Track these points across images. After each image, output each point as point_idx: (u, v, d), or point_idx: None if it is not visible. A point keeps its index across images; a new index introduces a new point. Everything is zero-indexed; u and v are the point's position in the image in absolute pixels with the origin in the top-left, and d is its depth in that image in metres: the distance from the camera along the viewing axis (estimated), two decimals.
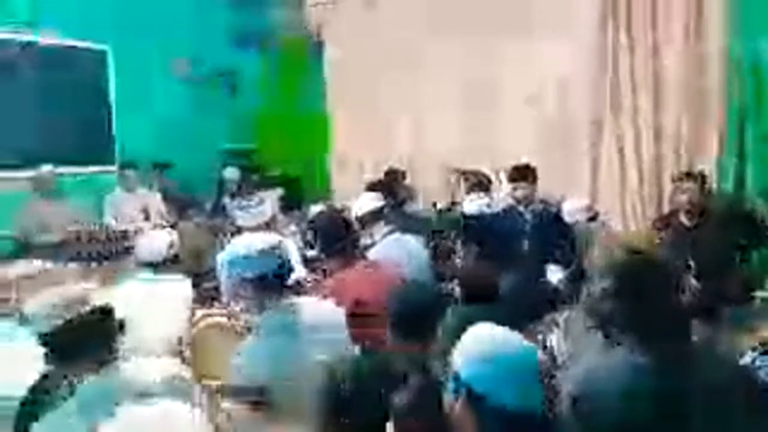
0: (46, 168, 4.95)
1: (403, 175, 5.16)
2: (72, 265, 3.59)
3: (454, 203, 4.39)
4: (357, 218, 3.30)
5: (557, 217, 3.72)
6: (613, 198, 4.66)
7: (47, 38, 5.41)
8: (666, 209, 4.33)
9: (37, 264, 2.78)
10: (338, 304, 2.19)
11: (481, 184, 4.25)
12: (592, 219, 3.75)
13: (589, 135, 4.77)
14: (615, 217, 4.56)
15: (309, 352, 1.93)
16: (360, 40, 5.86)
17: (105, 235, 4.26)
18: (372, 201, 3.40)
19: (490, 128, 5.20)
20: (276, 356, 1.89)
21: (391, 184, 4.64)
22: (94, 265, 3.97)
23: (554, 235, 3.56)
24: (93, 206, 5.28)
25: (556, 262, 3.30)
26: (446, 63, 5.38)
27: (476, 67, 5.23)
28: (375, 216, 3.31)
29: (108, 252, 4.22)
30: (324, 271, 3.02)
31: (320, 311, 2.11)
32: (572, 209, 3.67)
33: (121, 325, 1.79)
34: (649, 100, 4.52)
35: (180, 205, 5.50)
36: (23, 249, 4.29)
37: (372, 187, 4.47)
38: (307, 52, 6.48)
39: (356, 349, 2.16)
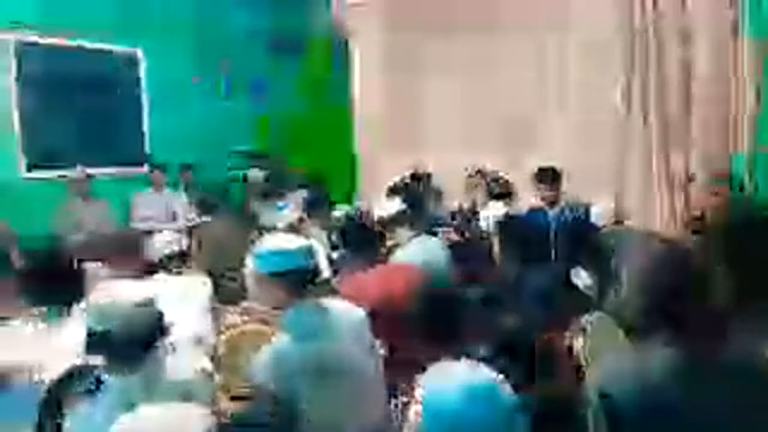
0: (80, 169, 5.09)
1: (429, 177, 5.15)
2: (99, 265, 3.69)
3: (475, 210, 4.37)
4: (380, 221, 3.31)
5: (584, 220, 3.68)
6: (640, 200, 4.57)
7: (81, 42, 5.55)
8: (696, 211, 4.24)
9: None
10: (361, 304, 2.19)
11: (504, 189, 4.23)
12: (620, 222, 3.70)
13: (615, 136, 4.69)
14: (643, 219, 4.47)
15: (332, 353, 1.94)
16: (387, 42, 5.87)
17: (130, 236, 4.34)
18: (394, 204, 3.41)
19: (518, 131, 5.15)
20: (299, 356, 1.90)
21: (415, 187, 4.64)
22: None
23: (581, 238, 3.51)
24: (123, 206, 5.40)
25: (583, 266, 3.25)
26: (473, 63, 5.35)
27: (503, 68, 5.19)
28: (398, 219, 3.32)
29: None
30: (348, 272, 3.03)
31: (343, 311, 2.12)
32: (599, 212, 3.63)
33: (163, 326, 1.82)
34: (678, 99, 4.42)
35: (206, 205, 5.57)
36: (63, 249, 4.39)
37: (395, 190, 4.49)
38: (335, 54, 6.52)
39: (380, 348, 2.16)
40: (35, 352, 2.05)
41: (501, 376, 1.23)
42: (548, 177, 3.97)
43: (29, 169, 5.27)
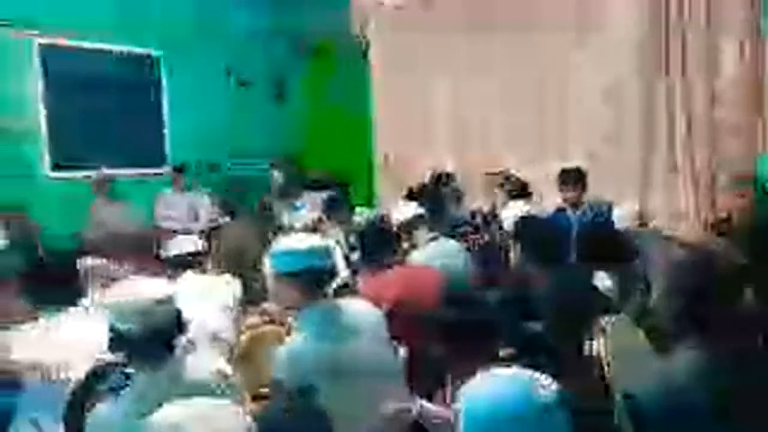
0: (102, 169, 5.17)
1: (450, 177, 5.13)
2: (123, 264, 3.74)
3: (495, 212, 4.34)
4: (398, 225, 3.32)
5: (607, 222, 3.63)
6: (665, 202, 4.49)
7: (103, 45, 5.64)
8: (722, 213, 4.15)
9: (95, 261, 2.89)
10: (378, 304, 2.19)
11: (523, 190, 4.20)
12: (644, 225, 3.65)
13: (640, 138, 4.62)
14: (667, 222, 4.39)
15: (348, 351, 1.94)
16: (405, 43, 5.87)
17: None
18: (411, 208, 3.42)
19: (538, 131, 5.10)
20: (315, 355, 1.90)
21: (434, 189, 4.62)
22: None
23: (602, 240, 3.47)
24: (146, 207, 5.47)
25: (605, 268, 3.22)
26: (493, 64, 5.31)
27: (524, 68, 5.14)
28: (415, 222, 3.33)
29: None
30: (366, 274, 3.03)
31: (360, 311, 2.11)
32: (623, 214, 3.58)
33: (181, 323, 1.83)
34: (705, 100, 4.33)
35: (227, 206, 5.62)
36: (83, 247, 4.47)
37: (413, 194, 4.48)
38: (353, 55, 6.53)
39: (397, 349, 2.16)
40: (45, 350, 2.08)
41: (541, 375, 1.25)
42: (571, 178, 3.94)
43: (54, 168, 5.37)
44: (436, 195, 4.34)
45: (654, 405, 1.37)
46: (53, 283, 2.28)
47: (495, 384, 1.24)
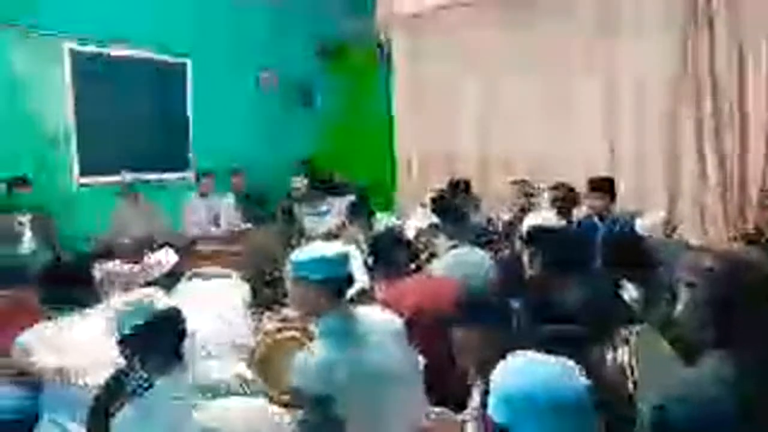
0: (128, 174, 5.25)
1: (467, 185, 5.11)
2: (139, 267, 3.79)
3: (511, 221, 4.30)
4: (414, 235, 3.32)
5: (632, 231, 3.58)
6: (692, 212, 4.39)
7: (131, 51, 5.74)
8: (750, 223, 4.05)
9: (113, 264, 2.93)
10: (397, 312, 2.19)
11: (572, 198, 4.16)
12: (670, 234, 3.59)
13: (666, 144, 4.52)
14: (694, 232, 4.30)
15: (368, 360, 1.93)
16: (428, 48, 5.87)
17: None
18: (426, 218, 3.42)
19: (563, 136, 5.04)
20: (336, 363, 1.89)
21: (451, 197, 4.59)
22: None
23: (628, 249, 3.42)
24: (170, 212, 5.54)
25: (630, 278, 3.17)
26: (519, 67, 5.27)
27: (548, 72, 5.09)
28: (429, 231, 3.32)
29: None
30: (381, 282, 3.03)
31: (380, 319, 2.11)
32: (648, 224, 3.53)
33: (183, 330, 1.87)
34: (733, 107, 4.23)
35: (251, 211, 5.66)
36: (107, 250, 4.53)
37: (433, 201, 4.46)
38: (377, 61, 6.56)
39: (417, 357, 2.14)
40: (63, 353, 2.12)
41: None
42: (599, 187, 3.90)
43: (82, 174, 5.47)
44: (452, 203, 4.32)
45: (681, 415, 1.35)
46: (67, 285, 2.32)
47: (532, 365, 1.25)
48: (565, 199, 4.10)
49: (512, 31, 5.24)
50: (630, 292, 3.02)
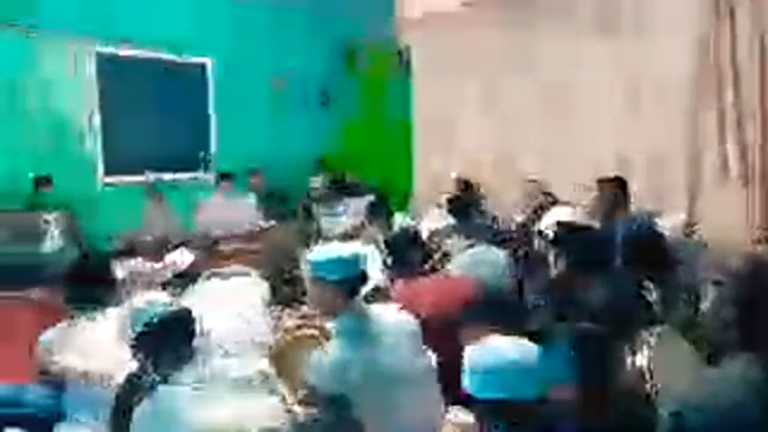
0: (151, 174, 5.33)
1: (471, 185, 5.10)
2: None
3: (525, 222, 4.27)
4: (428, 235, 3.32)
5: (651, 232, 3.53)
6: (713, 211, 4.30)
7: (154, 53, 5.83)
8: None
9: (135, 263, 2.97)
10: (412, 311, 2.19)
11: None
12: (690, 234, 3.54)
13: (687, 143, 4.45)
14: (715, 232, 4.21)
15: (384, 359, 1.94)
16: (447, 51, 5.86)
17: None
18: (441, 218, 3.42)
19: (579, 136, 4.99)
20: (351, 363, 1.90)
21: (465, 198, 4.58)
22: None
23: (648, 249, 3.37)
24: (191, 211, 5.60)
25: (650, 279, 3.13)
26: (535, 68, 5.24)
27: (566, 71, 5.05)
28: (445, 231, 3.32)
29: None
30: (396, 280, 3.03)
31: (396, 319, 2.12)
32: (669, 224, 3.48)
33: (193, 329, 1.90)
34: (755, 96, 4.14)
35: (274, 209, 5.70)
36: (130, 249, 4.61)
37: (447, 202, 4.45)
38: (395, 64, 6.57)
39: (431, 357, 2.14)
40: (85, 352, 2.16)
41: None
42: (613, 187, 3.84)
43: (107, 173, 5.57)
44: (468, 203, 4.31)
45: (698, 423, 1.33)
46: (90, 284, 2.36)
47: (493, 341, 1.41)
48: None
49: (516, 32, 5.22)
50: (652, 292, 2.99)
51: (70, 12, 5.14)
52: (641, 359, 2.00)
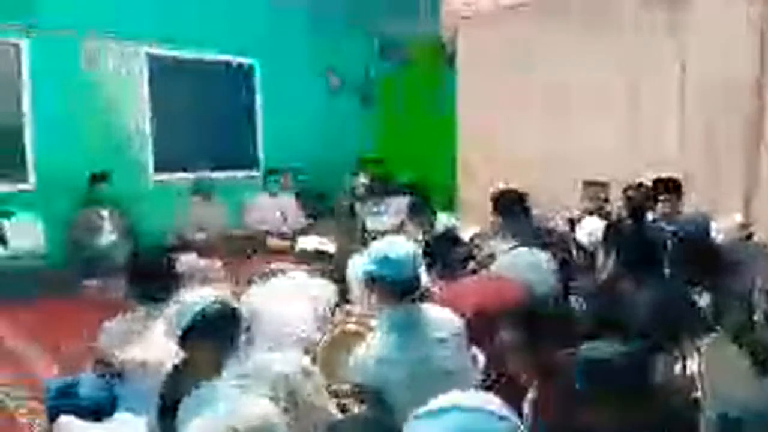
0: (201, 172, 5.47)
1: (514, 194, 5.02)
2: (218, 263, 3.95)
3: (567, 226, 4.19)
4: (471, 236, 3.31)
5: (704, 234, 3.42)
6: None
7: (203, 53, 5.97)
8: None
9: (191, 259, 3.05)
10: (457, 312, 2.18)
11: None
12: (747, 238, 3.41)
13: (744, 141, 4.27)
14: None
15: (429, 359, 1.94)
16: (492, 48, 5.79)
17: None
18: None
19: (632, 133, 4.85)
20: (396, 362, 1.92)
21: (511, 195, 4.51)
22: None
23: (701, 253, 3.27)
24: (238, 209, 5.73)
25: (701, 284, 3.03)
26: (584, 67, 5.12)
27: (617, 70, 4.92)
28: (486, 233, 3.30)
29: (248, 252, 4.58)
30: (439, 281, 3.02)
31: (442, 319, 2.11)
32: (723, 227, 3.36)
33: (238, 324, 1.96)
34: None
35: (314, 209, 5.78)
36: (182, 245, 4.74)
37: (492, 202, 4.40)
38: (441, 60, 6.54)
39: (477, 355, 2.14)
40: (145, 345, 2.23)
41: None
42: (665, 188, 3.75)
43: (156, 170, 5.74)
44: (514, 202, 4.25)
45: (757, 426, 1.29)
46: (152, 278, 2.43)
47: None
48: (639, 200, 3.96)
49: (577, 29, 5.10)
50: (703, 297, 2.90)
51: (123, 14, 5.32)
52: (691, 364, 1.95)
